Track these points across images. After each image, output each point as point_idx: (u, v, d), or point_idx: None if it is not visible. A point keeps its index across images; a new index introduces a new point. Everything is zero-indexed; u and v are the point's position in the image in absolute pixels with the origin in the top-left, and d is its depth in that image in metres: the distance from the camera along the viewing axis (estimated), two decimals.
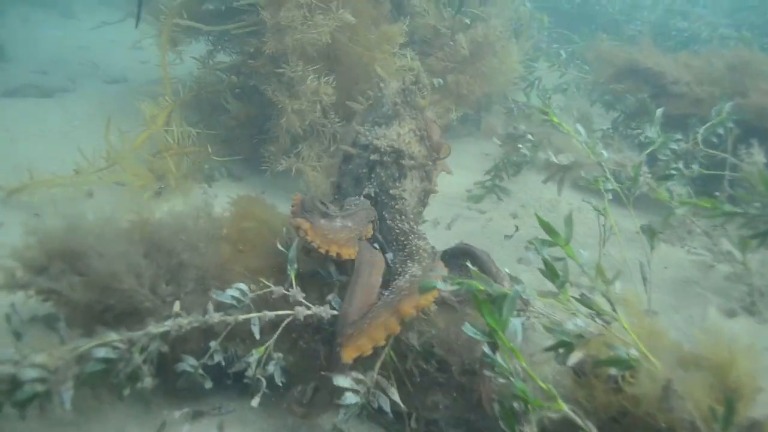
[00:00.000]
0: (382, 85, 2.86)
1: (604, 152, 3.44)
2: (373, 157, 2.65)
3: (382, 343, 1.94)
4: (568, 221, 1.98)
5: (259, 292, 2.10)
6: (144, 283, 2.05)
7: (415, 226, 2.56)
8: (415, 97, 2.81)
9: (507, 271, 2.29)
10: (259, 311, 2.07)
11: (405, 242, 2.47)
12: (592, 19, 9.04)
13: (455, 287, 1.76)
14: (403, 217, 2.56)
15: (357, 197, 2.60)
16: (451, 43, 4.33)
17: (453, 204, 4.49)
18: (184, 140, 4.26)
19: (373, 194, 2.64)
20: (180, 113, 4.36)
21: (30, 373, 1.68)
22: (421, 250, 2.40)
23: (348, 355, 1.90)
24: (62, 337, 1.82)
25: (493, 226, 4.19)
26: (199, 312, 2.02)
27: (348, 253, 2.20)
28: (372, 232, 2.47)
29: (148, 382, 1.95)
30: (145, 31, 4.71)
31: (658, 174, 3.60)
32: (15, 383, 1.67)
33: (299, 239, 2.15)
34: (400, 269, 2.30)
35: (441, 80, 4.33)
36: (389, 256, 2.47)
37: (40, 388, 1.69)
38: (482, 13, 4.53)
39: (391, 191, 2.61)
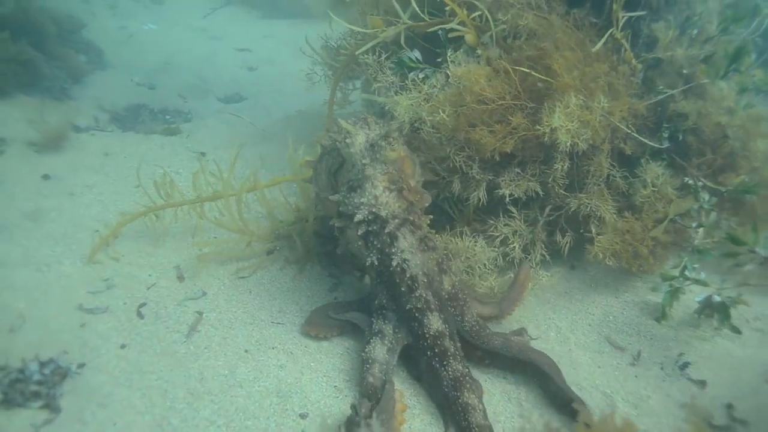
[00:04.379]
0: (348, 140, 2.67)
1: None
2: (360, 231, 2.64)
3: None
4: None
5: None
6: None
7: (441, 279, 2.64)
8: (384, 152, 2.65)
9: None
10: None
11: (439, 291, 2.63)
12: None
13: None
14: (416, 280, 2.59)
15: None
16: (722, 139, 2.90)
17: None
18: None
19: (376, 262, 2.65)
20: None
21: None
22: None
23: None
24: None
25: None
26: None
27: None
28: None
29: None
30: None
31: None
32: None
33: None
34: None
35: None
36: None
37: None
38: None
39: (391, 258, 2.60)
